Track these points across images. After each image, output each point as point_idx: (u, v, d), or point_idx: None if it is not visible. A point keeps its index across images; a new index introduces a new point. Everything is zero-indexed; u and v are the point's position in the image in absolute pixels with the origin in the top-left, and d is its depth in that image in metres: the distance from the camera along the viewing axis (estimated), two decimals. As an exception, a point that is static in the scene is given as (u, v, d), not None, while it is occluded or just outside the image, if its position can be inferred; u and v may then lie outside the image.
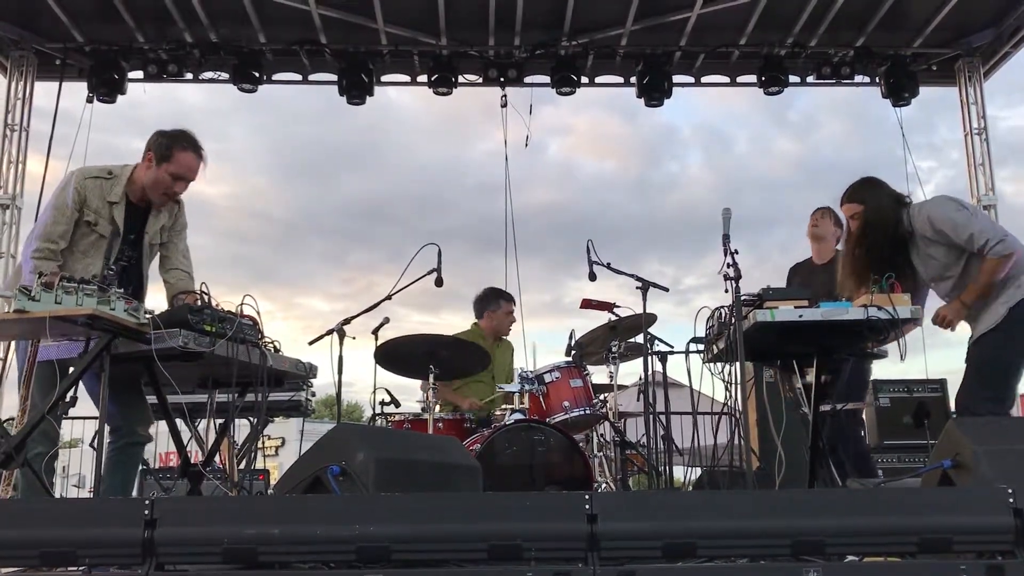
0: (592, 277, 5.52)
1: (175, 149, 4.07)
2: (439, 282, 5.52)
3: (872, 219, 4.31)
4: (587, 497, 2.50)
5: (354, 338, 5.43)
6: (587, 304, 5.77)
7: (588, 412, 5.35)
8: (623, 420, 6.11)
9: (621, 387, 5.90)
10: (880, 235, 4.28)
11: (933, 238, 4.17)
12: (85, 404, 3.83)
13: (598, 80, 8.73)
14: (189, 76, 8.37)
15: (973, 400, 4.02)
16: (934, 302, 4.40)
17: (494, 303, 6.38)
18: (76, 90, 8.21)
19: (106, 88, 8.09)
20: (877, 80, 8.52)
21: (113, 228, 4.04)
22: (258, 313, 3.85)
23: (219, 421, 4.17)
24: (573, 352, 5.71)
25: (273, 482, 6.07)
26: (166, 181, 4.07)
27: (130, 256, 4.13)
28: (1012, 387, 4.13)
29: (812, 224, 5.71)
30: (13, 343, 4.15)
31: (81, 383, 3.54)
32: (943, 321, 4.11)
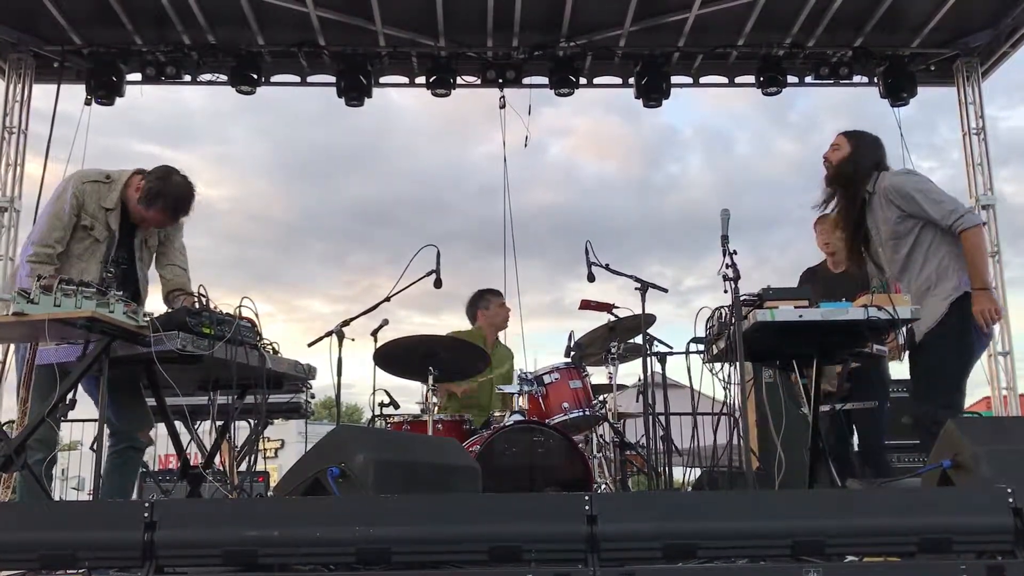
0: (591, 278, 5.52)
1: (157, 204, 4.06)
2: (438, 283, 5.51)
3: (849, 160, 4.28)
4: (587, 498, 2.50)
5: (353, 340, 5.43)
6: (586, 305, 5.77)
7: (587, 413, 5.34)
8: (622, 421, 6.11)
9: (620, 388, 5.90)
10: (845, 179, 4.27)
11: (893, 200, 4.11)
12: (85, 407, 3.82)
13: (596, 81, 8.75)
14: (187, 78, 8.38)
15: (932, 409, 3.84)
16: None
17: (483, 302, 6.40)
18: (75, 92, 8.22)
19: (104, 90, 8.10)
20: (875, 80, 8.52)
21: (109, 234, 4.04)
22: (256, 315, 3.86)
23: (219, 423, 4.17)
24: (572, 353, 5.71)
25: (273, 484, 6.07)
26: (141, 216, 4.12)
27: (123, 258, 4.13)
28: (964, 386, 4.05)
29: (823, 241, 5.63)
30: (11, 346, 4.15)
31: (80, 385, 3.54)
32: (988, 314, 3.89)
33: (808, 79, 8.64)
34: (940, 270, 4.03)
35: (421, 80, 8.44)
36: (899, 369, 5.96)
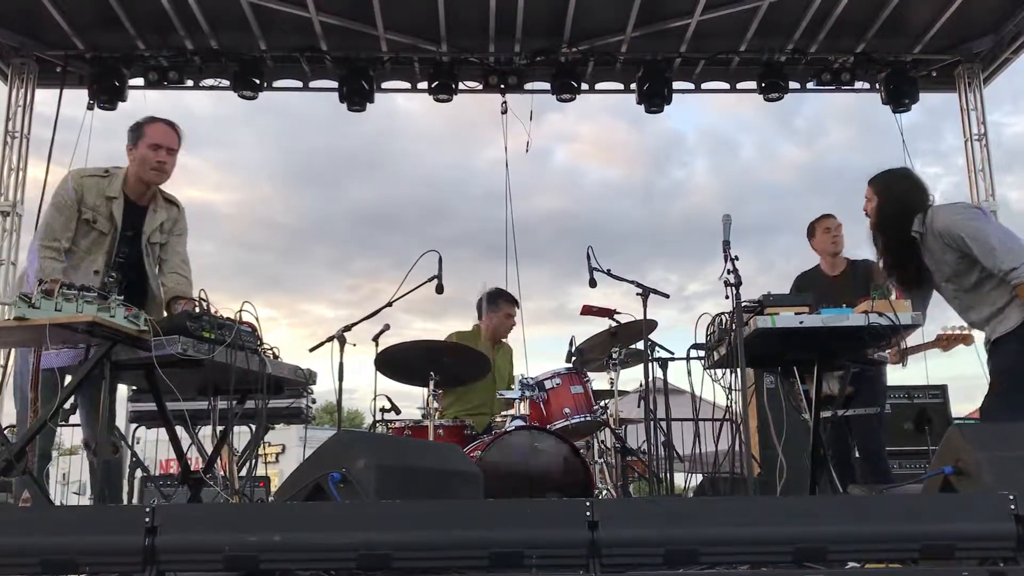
0: (592, 284, 5.51)
1: (144, 126, 4.17)
2: (439, 289, 5.50)
3: (883, 204, 4.25)
4: (588, 504, 2.49)
5: (355, 345, 5.42)
6: (588, 310, 5.76)
7: (589, 418, 5.33)
8: (624, 426, 6.10)
9: (622, 393, 5.89)
10: (889, 231, 4.23)
11: (948, 243, 4.03)
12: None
13: (598, 87, 8.77)
14: (190, 83, 8.42)
15: (995, 409, 3.92)
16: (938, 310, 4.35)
17: (493, 304, 6.36)
18: (80, 97, 8.24)
19: (107, 95, 8.13)
20: (877, 86, 8.54)
21: (112, 224, 4.08)
22: (257, 319, 3.86)
23: (219, 428, 4.16)
24: (574, 358, 5.70)
25: (274, 489, 6.06)
26: (148, 155, 4.14)
27: (127, 254, 4.15)
28: None
29: (833, 240, 5.59)
30: (13, 351, 4.15)
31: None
32: None
33: (810, 85, 8.68)
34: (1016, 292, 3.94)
35: (423, 85, 8.48)
36: (897, 376, 5.97)
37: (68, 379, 3.46)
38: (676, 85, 8.50)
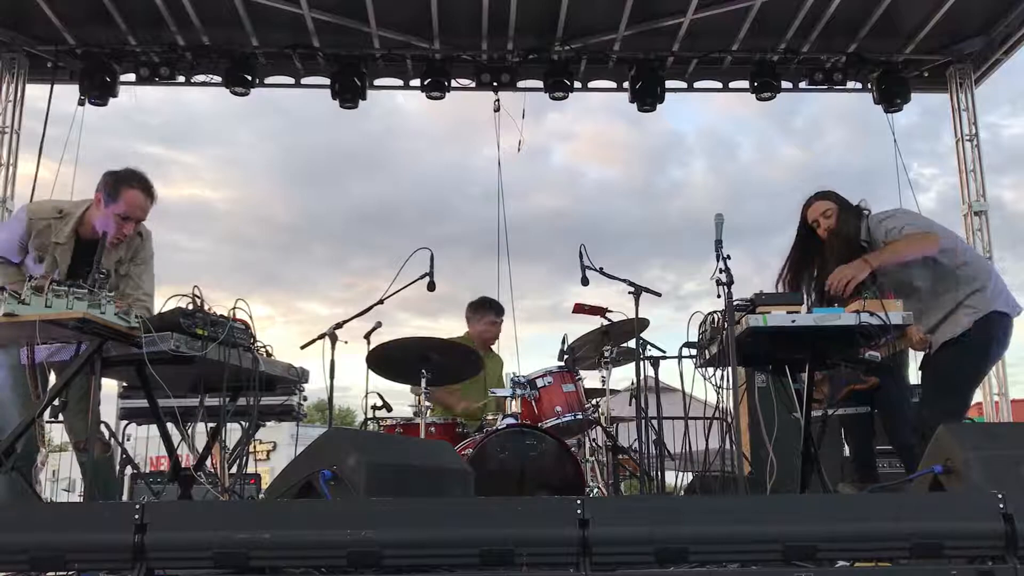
0: (584, 282, 5.51)
1: (122, 189, 3.99)
2: (431, 287, 5.49)
3: (844, 217, 4.34)
4: (579, 502, 2.50)
5: (346, 342, 5.40)
6: (579, 309, 5.76)
7: (580, 417, 5.34)
8: (615, 425, 6.11)
9: (613, 392, 5.89)
10: (847, 235, 4.29)
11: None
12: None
13: (591, 85, 8.78)
14: (181, 79, 8.39)
15: (933, 413, 3.93)
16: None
17: (478, 312, 6.37)
18: (71, 92, 8.21)
19: (98, 91, 8.10)
20: (869, 86, 8.57)
21: (55, 266, 4.01)
22: (250, 317, 3.85)
23: (210, 425, 4.15)
24: (566, 356, 5.70)
25: (264, 486, 6.05)
26: (114, 223, 4.01)
27: None
28: (969, 399, 4.16)
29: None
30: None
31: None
32: (839, 283, 3.97)
33: (802, 84, 8.69)
34: (963, 294, 4.11)
35: (416, 83, 8.46)
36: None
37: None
38: (669, 84, 8.50)
